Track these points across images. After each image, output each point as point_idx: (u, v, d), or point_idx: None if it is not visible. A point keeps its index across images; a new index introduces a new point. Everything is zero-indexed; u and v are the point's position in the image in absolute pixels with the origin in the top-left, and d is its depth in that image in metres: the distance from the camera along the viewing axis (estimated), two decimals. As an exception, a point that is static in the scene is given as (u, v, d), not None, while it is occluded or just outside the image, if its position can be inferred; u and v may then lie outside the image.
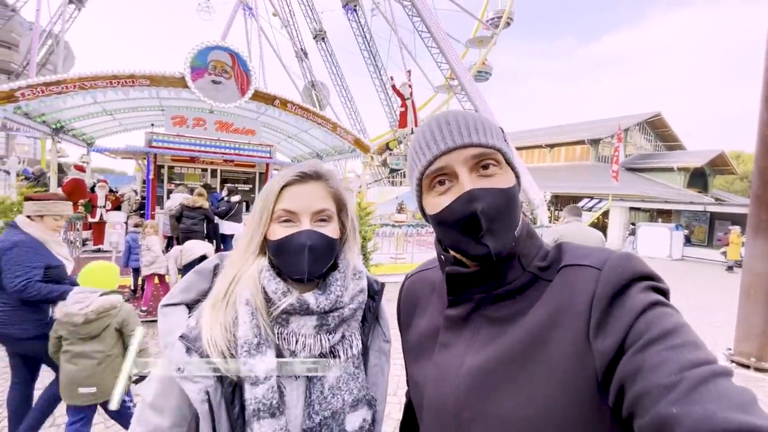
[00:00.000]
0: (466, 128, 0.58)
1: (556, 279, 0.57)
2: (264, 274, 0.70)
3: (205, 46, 7.22)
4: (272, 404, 0.63)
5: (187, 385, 0.63)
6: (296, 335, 0.68)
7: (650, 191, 21.05)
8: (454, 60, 17.40)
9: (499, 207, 0.57)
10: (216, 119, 9.21)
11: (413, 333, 0.73)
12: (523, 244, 0.61)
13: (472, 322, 0.62)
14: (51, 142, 8.68)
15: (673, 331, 0.46)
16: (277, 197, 0.72)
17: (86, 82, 6.40)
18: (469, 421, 0.56)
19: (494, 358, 0.56)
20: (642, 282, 0.52)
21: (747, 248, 4.66)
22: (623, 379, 0.46)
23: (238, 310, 0.68)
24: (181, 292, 0.74)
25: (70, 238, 7.55)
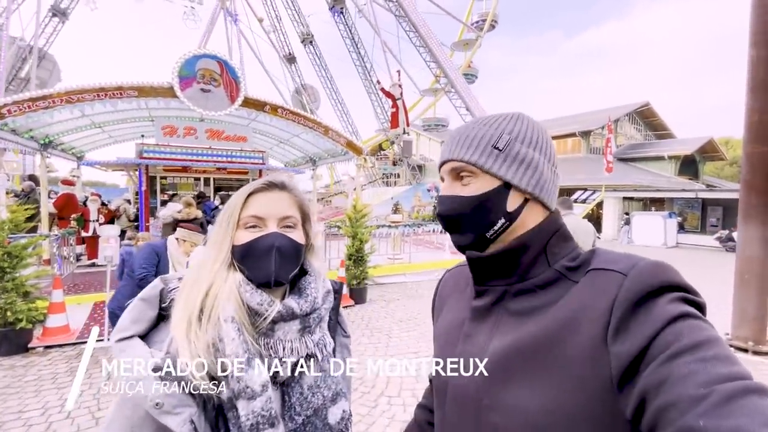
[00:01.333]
0: (454, 144, 0.67)
1: (582, 281, 0.58)
2: (244, 288, 0.70)
3: (193, 55, 7.18)
4: (271, 414, 0.65)
5: (169, 419, 0.60)
6: (283, 341, 0.70)
7: (642, 180, 21.23)
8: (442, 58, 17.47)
9: (456, 211, 0.66)
10: (207, 127, 9.16)
11: (442, 321, 0.77)
12: (553, 242, 0.64)
13: (494, 314, 0.65)
14: (40, 157, 8.59)
15: (704, 344, 0.45)
16: (243, 205, 0.74)
17: (73, 96, 6.34)
18: (487, 408, 0.59)
19: (513, 349, 0.59)
20: (674, 292, 0.51)
21: (739, 233, 4.71)
22: (646, 390, 0.45)
23: (222, 327, 0.66)
24: (133, 323, 0.69)
25: (63, 253, 7.46)
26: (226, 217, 0.75)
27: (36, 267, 5.30)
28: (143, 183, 9.03)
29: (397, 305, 6.59)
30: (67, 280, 6.86)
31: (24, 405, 3.32)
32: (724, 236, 14.05)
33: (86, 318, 5.46)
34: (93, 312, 5.73)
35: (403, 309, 6.35)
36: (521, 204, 0.65)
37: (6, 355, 4.35)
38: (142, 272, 2.87)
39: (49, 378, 3.83)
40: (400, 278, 8.62)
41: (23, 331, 4.48)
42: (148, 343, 0.68)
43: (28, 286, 4.64)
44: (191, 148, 9.15)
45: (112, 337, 0.69)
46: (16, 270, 4.56)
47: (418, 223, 11.05)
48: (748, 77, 4.50)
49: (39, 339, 4.66)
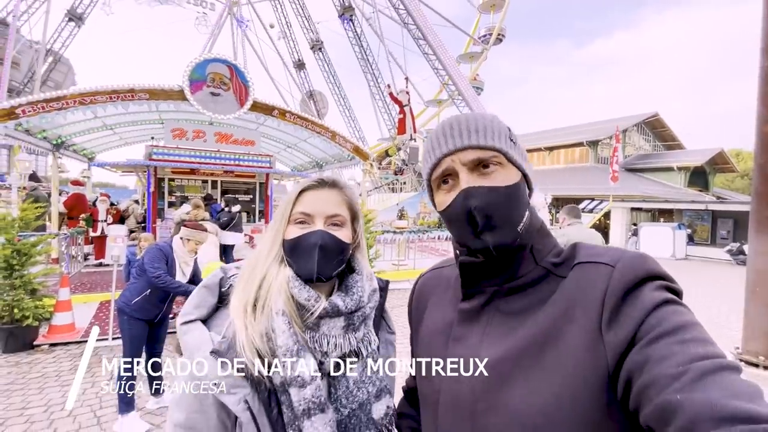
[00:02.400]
0: (467, 130, 0.62)
1: (570, 275, 0.59)
2: (293, 284, 0.73)
3: (204, 59, 7.30)
4: (321, 400, 0.68)
5: (226, 398, 0.65)
6: (327, 337, 0.72)
7: (651, 191, 21.02)
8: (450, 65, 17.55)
9: (493, 203, 0.60)
10: (215, 131, 9.26)
11: (425, 327, 0.75)
12: (537, 239, 0.63)
13: (484, 315, 0.63)
14: (52, 157, 8.74)
15: (683, 327, 0.47)
16: (295, 201, 0.77)
17: (86, 98, 6.46)
18: (483, 412, 0.58)
19: (508, 351, 0.58)
20: (656, 281, 0.53)
21: (750, 245, 4.63)
22: (631, 371, 0.47)
23: (274, 320, 0.70)
24: (195, 308, 0.75)
25: (72, 252, 7.55)
26: (280, 213, 0.78)
27: (44, 265, 5.37)
28: (152, 185, 9.12)
29: (401, 311, 6.48)
30: (74, 279, 6.92)
31: (27, 402, 3.33)
32: (735, 249, 13.81)
33: (92, 317, 5.50)
34: (99, 311, 5.77)
35: (406, 315, 6.31)
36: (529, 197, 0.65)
37: (11, 352, 4.38)
38: (155, 271, 2.90)
39: (53, 375, 3.85)
40: (404, 284, 8.58)
41: (29, 329, 4.52)
42: (209, 327, 0.73)
43: (36, 284, 4.70)
44: (200, 151, 9.25)
45: (177, 321, 0.75)
46: (24, 267, 4.62)
47: (424, 229, 11.03)
48: (758, 87, 4.46)
49: (45, 336, 4.69)
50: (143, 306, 3.01)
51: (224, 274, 0.80)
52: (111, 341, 4.68)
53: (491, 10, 25.01)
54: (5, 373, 3.88)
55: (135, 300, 2.97)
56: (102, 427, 2.99)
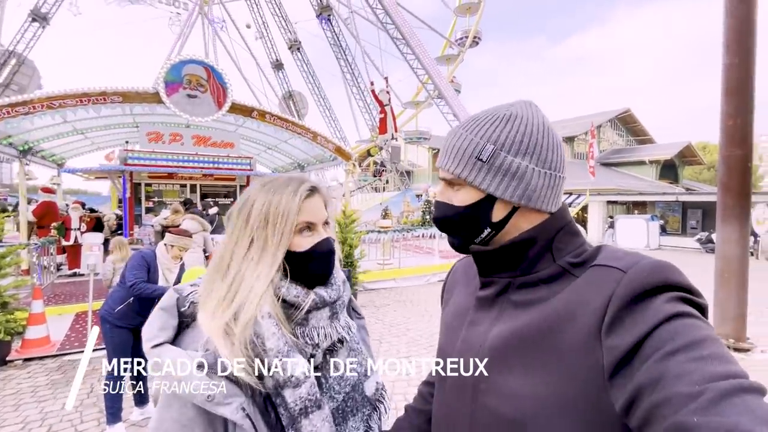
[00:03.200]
0: (445, 150, 0.69)
1: (582, 276, 0.59)
2: (279, 284, 0.73)
3: (179, 60, 7.12)
4: (317, 398, 0.69)
5: (221, 409, 0.64)
6: (317, 329, 0.75)
7: (625, 184, 21.76)
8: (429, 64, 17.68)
9: (447, 217, 0.70)
10: (193, 133, 9.05)
11: (450, 308, 0.80)
12: (560, 238, 0.65)
13: (497, 304, 0.67)
14: (18, 164, 8.35)
15: (699, 343, 0.45)
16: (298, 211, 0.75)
17: (55, 101, 6.20)
18: (484, 391, 0.62)
19: (510, 337, 0.61)
20: (673, 292, 0.51)
21: (718, 234, 4.86)
22: (641, 386, 0.45)
23: (261, 325, 0.69)
24: (160, 330, 0.72)
25: (44, 263, 7.24)
26: (279, 223, 0.73)
27: (15, 277, 5.13)
28: (127, 190, 8.85)
29: (387, 310, 6.58)
30: (47, 291, 6.65)
31: (2, 420, 3.19)
32: (704, 238, 14.46)
33: (67, 329, 5.30)
34: (75, 323, 5.56)
35: (393, 314, 6.33)
36: (509, 213, 0.65)
37: (-18, 369, 4.18)
38: (132, 279, 2.85)
39: (28, 391, 3.69)
40: (390, 283, 8.61)
41: (1, 344, 4.32)
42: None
43: (7, 297, 4.49)
44: (177, 155, 9.03)
45: (145, 346, 0.70)
46: (-7, 280, 4.41)
47: (408, 228, 11.08)
48: (722, 83, 4.68)
49: (18, 351, 4.49)
50: (127, 314, 2.93)
51: (180, 295, 0.76)
52: (91, 353, 4.52)
53: (467, 13, 25.37)
54: (-24, 392, 3.70)
55: (118, 308, 2.91)
56: None
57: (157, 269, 3.00)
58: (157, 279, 3.01)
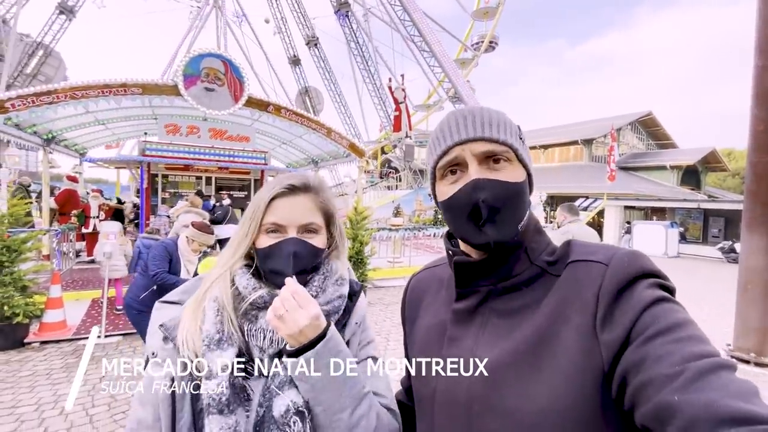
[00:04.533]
0: (481, 122, 0.61)
1: (563, 274, 0.58)
2: (236, 272, 0.72)
3: (198, 54, 7.20)
4: (221, 401, 0.63)
5: (155, 370, 0.65)
6: (264, 331, 0.69)
7: (644, 189, 21.21)
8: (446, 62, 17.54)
9: (501, 198, 0.59)
10: (210, 126, 9.17)
11: (419, 327, 0.74)
12: (531, 238, 0.63)
13: (479, 315, 0.63)
14: (42, 152, 8.60)
15: (678, 326, 0.47)
16: (265, 209, 0.73)
17: (78, 92, 6.35)
18: (479, 413, 0.58)
19: (503, 353, 0.57)
20: (649, 279, 0.53)
21: (743, 244, 4.68)
22: (626, 370, 0.47)
23: (206, 307, 0.70)
24: (181, 293, 0.76)
25: (63, 249, 7.45)
26: (249, 218, 0.75)
27: (35, 262, 5.29)
28: (145, 181, 9.03)
29: (396, 309, 6.51)
30: (65, 276, 6.84)
31: (17, 400, 3.29)
32: (727, 247, 13.98)
33: (84, 314, 5.44)
34: (91, 308, 5.70)
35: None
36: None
37: (1, 350, 4.32)
38: (155, 269, 2.99)
39: (44, 374, 3.80)
40: (399, 282, 8.59)
41: (20, 326, 4.46)
42: None
43: (26, 281, 4.62)
44: (194, 147, 9.16)
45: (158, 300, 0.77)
46: (14, 264, 4.54)
47: (419, 227, 11.03)
48: (753, 87, 4.49)
49: (35, 334, 4.63)
50: (151, 300, 3.00)
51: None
52: (104, 339, 4.63)
53: (484, 17, 25.04)
54: (-5, 371, 3.82)
55: (142, 296, 3.03)
56: (94, 426, 2.96)
57: (179, 259, 3.07)
58: (180, 269, 3.08)
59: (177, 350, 0.67)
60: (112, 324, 5.02)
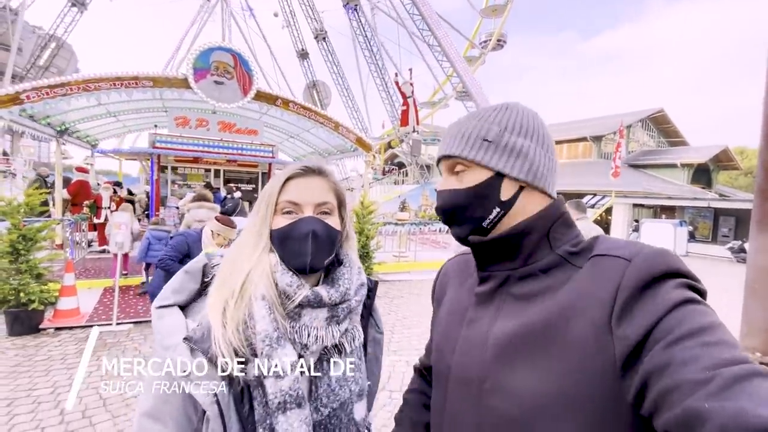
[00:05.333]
0: (447, 140, 0.69)
1: (585, 266, 0.59)
2: (276, 268, 0.70)
3: (208, 47, 7.26)
4: (299, 394, 0.65)
5: (194, 389, 0.61)
6: (308, 328, 0.69)
7: (654, 187, 20.96)
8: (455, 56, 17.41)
9: (449, 204, 0.68)
10: (219, 120, 9.25)
11: (444, 308, 0.78)
12: (555, 228, 0.65)
13: (497, 298, 0.65)
14: (56, 143, 8.75)
15: (706, 329, 0.46)
16: (280, 190, 0.73)
17: (90, 84, 6.45)
18: (489, 391, 0.60)
19: (515, 334, 0.59)
20: (677, 279, 0.52)
21: (751, 243, 4.62)
22: (650, 373, 0.46)
23: (254, 305, 0.67)
24: (174, 293, 0.72)
25: (76, 239, 7.60)
26: (264, 203, 0.74)
27: (49, 251, 5.42)
28: (155, 172, 9.15)
29: (401, 302, 6.60)
30: (78, 265, 6.98)
31: (34, 384, 3.40)
32: (737, 247, 13.83)
33: (96, 302, 5.57)
34: (103, 297, 5.83)
35: (406, 306, 6.36)
36: (516, 192, 0.65)
37: (18, 335, 4.45)
38: (164, 257, 3.01)
39: (58, 358, 3.92)
40: (404, 276, 8.63)
41: (35, 312, 4.59)
42: (187, 314, 0.70)
43: (41, 269, 4.75)
44: (203, 140, 9.25)
45: (153, 304, 0.72)
46: (30, 252, 4.67)
47: (425, 221, 11.04)
48: (766, 84, 4.42)
49: (50, 320, 4.76)
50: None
51: (208, 261, 0.76)
52: (115, 326, 4.75)
53: (493, 15, 24.76)
54: (12, 356, 3.95)
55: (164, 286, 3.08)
56: (107, 408, 3.06)
57: (200, 250, 3.10)
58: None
59: (212, 362, 0.63)
60: (123, 312, 5.14)
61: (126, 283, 6.36)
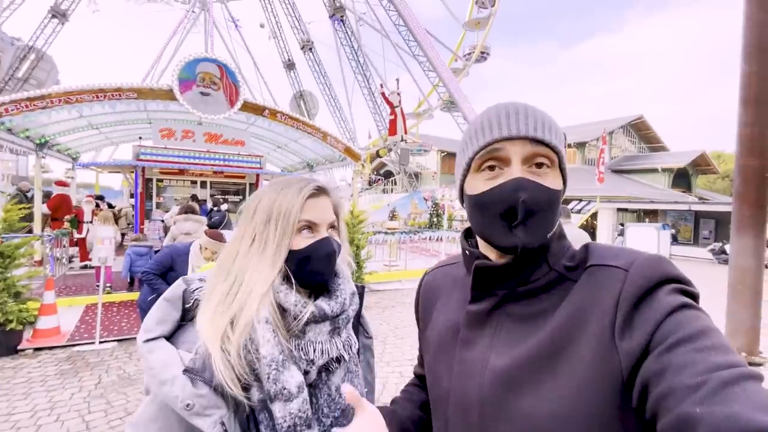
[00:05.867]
0: (533, 121, 0.58)
1: (582, 279, 0.57)
2: (279, 289, 0.68)
3: (193, 58, 7.21)
4: (308, 416, 0.65)
5: (199, 421, 0.60)
6: (314, 343, 0.69)
7: (637, 192, 21.48)
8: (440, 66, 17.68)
9: (540, 203, 0.57)
10: (205, 131, 9.16)
11: (433, 327, 0.73)
12: (554, 243, 0.62)
13: (494, 319, 0.62)
14: (35, 157, 8.52)
15: (701, 334, 0.46)
16: (301, 210, 0.72)
17: (72, 96, 6.32)
18: (492, 417, 0.57)
19: (518, 358, 0.56)
20: (671, 284, 0.52)
21: (732, 245, 4.77)
22: (647, 379, 0.46)
23: (256, 330, 0.65)
24: (158, 324, 0.69)
25: (56, 255, 7.37)
26: (281, 221, 0.70)
27: (28, 268, 5.24)
28: (139, 185, 8.99)
29: (393, 312, 6.56)
30: (59, 282, 6.76)
31: (13, 407, 3.25)
32: (717, 248, 14.20)
33: (78, 320, 5.39)
34: (84, 314, 5.65)
35: (398, 316, 6.32)
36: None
37: (-6, 357, 4.27)
38: (147, 270, 3.02)
39: (38, 380, 3.76)
40: (395, 285, 8.61)
41: (13, 333, 4.41)
42: (175, 344, 0.68)
43: (20, 287, 4.58)
44: (189, 151, 9.14)
45: (138, 338, 0.69)
46: (8, 270, 4.50)
47: (415, 230, 11.06)
48: (740, 91, 4.60)
49: (29, 341, 4.58)
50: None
51: (187, 287, 0.73)
52: (98, 345, 4.59)
53: (476, 27, 25.31)
54: (-12, 379, 3.78)
55: (150, 298, 3.03)
56: (91, 432, 2.94)
57: (186, 264, 3.05)
58: (186, 273, 3.08)
59: (216, 391, 0.62)
60: (106, 330, 4.98)
61: (110, 300, 6.18)
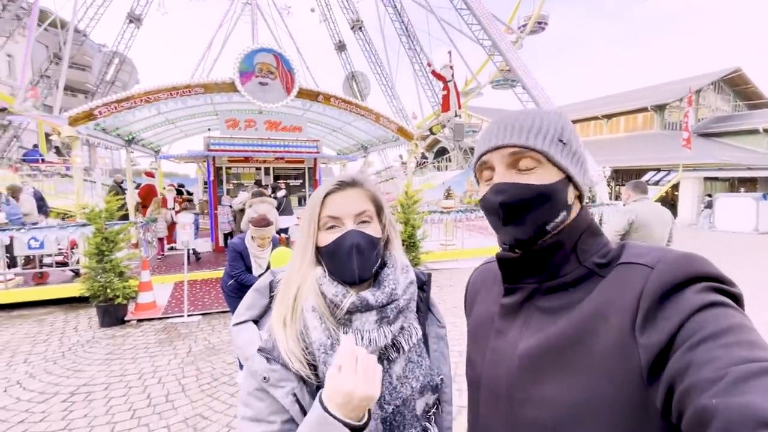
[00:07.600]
0: (512, 129, 0.64)
1: (609, 275, 0.59)
2: (322, 281, 0.75)
3: (251, 50, 7.53)
4: None
5: (275, 391, 0.68)
6: (360, 332, 0.72)
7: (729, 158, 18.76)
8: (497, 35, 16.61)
9: (523, 199, 0.62)
10: (265, 119, 9.62)
11: (474, 318, 0.79)
12: (583, 239, 0.64)
13: (524, 311, 0.66)
14: (125, 152, 9.62)
15: (728, 330, 0.45)
16: (321, 206, 0.77)
17: (150, 96, 6.98)
18: (520, 402, 0.61)
19: (542, 346, 0.60)
20: (703, 282, 0.51)
21: None
22: (673, 378, 0.46)
23: (306, 317, 0.73)
24: (247, 309, 0.81)
25: (147, 239, 8.37)
26: (307, 220, 0.78)
27: (127, 250, 6.03)
28: (211, 173, 9.77)
29: (450, 292, 6.57)
30: (151, 263, 7.70)
31: (125, 370, 3.84)
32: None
33: (169, 296, 6.13)
34: (174, 290, 6.40)
35: (455, 296, 6.32)
36: (574, 199, 0.66)
37: (108, 326, 5.04)
38: (234, 272, 3.24)
39: (142, 347, 4.38)
40: (452, 264, 8.56)
41: (120, 306, 5.15)
42: (260, 326, 0.79)
43: (123, 267, 5.30)
44: (252, 140, 9.69)
45: (231, 322, 0.83)
46: (112, 253, 5.22)
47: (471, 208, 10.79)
48: None
49: (132, 313, 5.33)
50: (235, 289, 3.28)
51: (273, 278, 0.82)
52: (187, 317, 5.20)
53: None
54: (105, 345, 4.48)
55: (229, 283, 3.28)
56: (186, 393, 3.38)
57: (249, 255, 3.28)
58: (251, 265, 3.32)
59: (285, 367, 0.69)
60: (192, 305, 5.61)
61: (193, 278, 6.92)
